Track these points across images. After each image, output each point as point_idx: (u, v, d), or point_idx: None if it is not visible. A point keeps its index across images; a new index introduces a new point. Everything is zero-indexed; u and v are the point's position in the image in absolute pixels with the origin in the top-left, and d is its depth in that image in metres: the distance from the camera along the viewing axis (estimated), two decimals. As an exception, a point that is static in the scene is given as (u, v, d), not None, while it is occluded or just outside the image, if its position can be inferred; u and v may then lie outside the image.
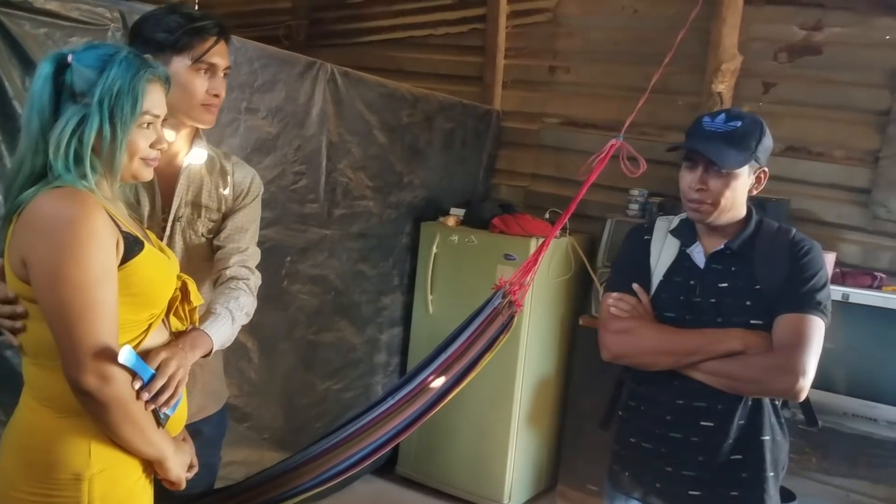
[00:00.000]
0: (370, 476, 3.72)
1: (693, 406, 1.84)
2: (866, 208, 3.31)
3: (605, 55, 3.95)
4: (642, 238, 2.00)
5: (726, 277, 1.84)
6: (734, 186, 1.80)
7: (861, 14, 3.30)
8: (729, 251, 1.85)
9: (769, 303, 1.79)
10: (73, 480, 1.33)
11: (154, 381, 1.38)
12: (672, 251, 1.93)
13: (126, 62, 1.37)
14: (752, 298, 1.81)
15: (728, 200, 1.81)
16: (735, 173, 1.79)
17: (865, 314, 2.80)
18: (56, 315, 1.28)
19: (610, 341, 1.92)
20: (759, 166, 1.83)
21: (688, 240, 1.91)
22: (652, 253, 1.96)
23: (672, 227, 1.97)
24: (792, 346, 1.74)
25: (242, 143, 2.71)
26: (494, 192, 4.31)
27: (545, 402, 3.71)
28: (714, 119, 1.82)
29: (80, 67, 1.35)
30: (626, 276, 1.96)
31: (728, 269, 1.85)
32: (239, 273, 1.85)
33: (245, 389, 2.94)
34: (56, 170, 1.33)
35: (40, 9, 2.07)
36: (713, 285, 1.85)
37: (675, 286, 1.89)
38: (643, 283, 1.93)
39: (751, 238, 1.86)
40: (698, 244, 1.90)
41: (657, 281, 1.92)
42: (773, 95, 3.50)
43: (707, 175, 1.79)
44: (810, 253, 1.82)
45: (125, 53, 1.39)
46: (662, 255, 1.94)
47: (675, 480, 1.87)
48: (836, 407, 2.80)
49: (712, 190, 1.79)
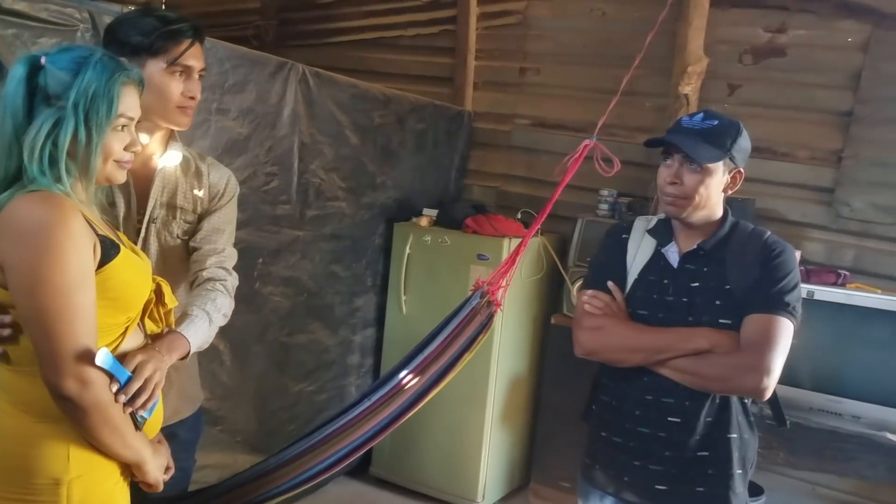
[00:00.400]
0: (344, 478, 3.71)
1: (661, 402, 1.87)
2: (830, 207, 3.38)
3: (575, 57, 3.99)
4: (620, 237, 2.03)
5: (698, 277, 1.88)
6: (708, 183, 1.83)
7: (824, 17, 3.37)
8: (702, 251, 1.89)
9: (739, 303, 1.82)
10: (51, 485, 1.32)
11: (130, 384, 1.37)
12: (648, 250, 1.97)
13: (101, 65, 1.37)
14: (721, 298, 1.84)
15: (702, 197, 1.84)
16: (709, 169, 1.82)
17: (830, 311, 2.86)
18: (34, 320, 1.27)
19: (582, 337, 1.95)
20: (734, 166, 1.86)
21: (664, 239, 1.95)
22: (629, 251, 1.99)
23: (650, 226, 2.00)
24: (758, 345, 1.77)
25: (213, 143, 2.69)
26: (466, 192, 4.33)
27: (518, 401, 3.74)
28: (693, 118, 1.88)
29: (53, 70, 1.34)
30: (602, 273, 1.99)
31: (700, 269, 1.88)
32: (216, 274, 1.85)
33: (217, 392, 2.92)
34: (31, 173, 1.32)
35: (8, 9, 2.03)
36: (685, 285, 1.88)
37: (649, 285, 1.93)
38: (618, 281, 1.96)
39: (724, 239, 1.90)
40: (673, 244, 1.94)
41: (632, 279, 1.95)
42: (739, 97, 3.56)
43: (682, 170, 1.84)
44: (782, 255, 1.85)
45: (99, 56, 1.39)
46: (639, 253, 1.97)
47: (643, 474, 1.91)
48: (802, 402, 2.86)
49: (687, 185, 1.83)
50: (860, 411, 2.82)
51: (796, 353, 1.82)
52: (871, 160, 3.28)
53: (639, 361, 1.87)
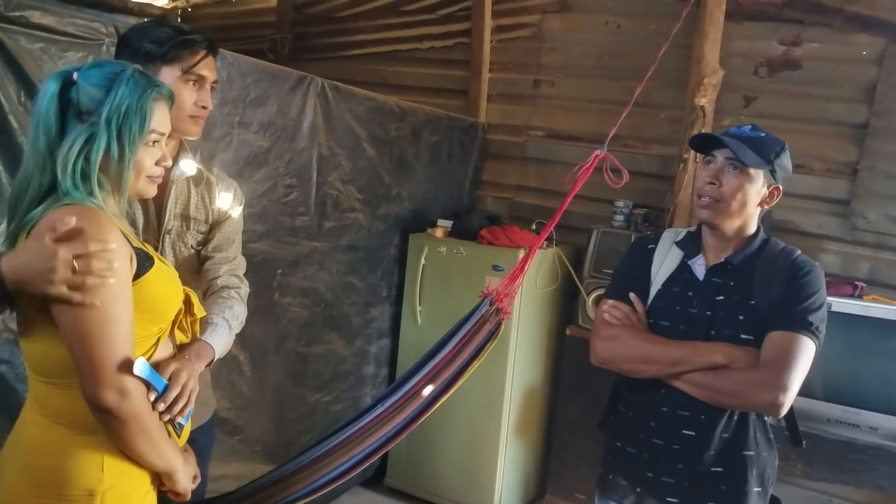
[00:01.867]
0: (358, 488, 3.72)
1: (676, 414, 1.87)
2: (845, 219, 3.39)
3: (588, 69, 4.02)
4: (646, 247, 2.03)
5: (723, 291, 1.87)
6: (747, 189, 1.82)
7: (838, 31, 3.39)
8: (730, 265, 1.89)
9: (762, 319, 1.82)
10: (85, 496, 1.34)
11: (169, 391, 1.39)
12: (674, 262, 1.97)
13: (133, 81, 1.38)
14: (745, 313, 1.84)
15: (738, 203, 1.83)
16: (750, 175, 1.82)
17: (847, 323, 2.87)
18: (74, 332, 1.28)
19: (598, 346, 1.96)
20: (773, 181, 1.86)
21: (691, 252, 1.95)
22: (654, 262, 1.99)
23: (678, 238, 2.00)
24: (777, 362, 1.76)
25: (235, 157, 2.72)
26: (480, 203, 4.36)
27: (533, 412, 3.74)
28: (741, 129, 1.88)
29: (86, 86, 1.35)
30: (625, 283, 2.00)
31: (726, 283, 1.88)
32: (230, 282, 1.89)
33: (237, 403, 2.94)
34: (64, 187, 1.33)
35: (36, 24, 2.07)
36: (710, 298, 1.88)
37: (672, 296, 1.93)
38: (641, 292, 1.96)
39: (753, 255, 1.89)
40: (700, 256, 1.93)
41: (655, 290, 1.96)
42: (754, 109, 3.58)
43: (722, 172, 1.84)
44: (809, 275, 1.84)
45: (131, 72, 1.40)
46: (664, 265, 1.97)
47: (655, 486, 1.91)
48: (819, 414, 2.86)
49: (726, 187, 1.83)
50: (877, 423, 2.82)
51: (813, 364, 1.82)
52: (887, 172, 3.29)
53: (653, 373, 1.87)
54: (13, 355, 2.15)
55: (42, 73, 2.07)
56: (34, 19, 2.06)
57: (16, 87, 2.06)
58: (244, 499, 1.93)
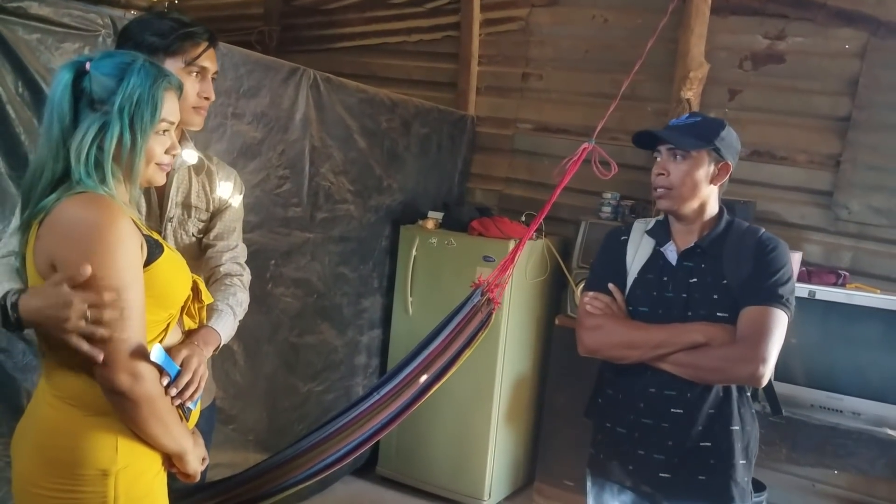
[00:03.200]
0: (350, 477, 3.76)
1: (664, 394, 1.95)
2: (828, 210, 3.46)
3: (576, 63, 4.07)
4: (619, 238, 2.12)
5: (696, 273, 1.96)
6: (693, 173, 1.93)
7: (822, 25, 3.45)
8: (699, 249, 1.97)
9: (735, 297, 1.90)
10: (99, 476, 1.37)
11: (180, 377, 1.43)
12: (647, 250, 2.05)
13: (144, 71, 1.41)
14: (718, 293, 1.92)
15: (688, 187, 1.93)
16: (693, 158, 1.92)
17: (830, 310, 2.94)
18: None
19: (584, 337, 2.04)
20: (720, 159, 1.95)
21: (662, 239, 2.03)
22: (628, 252, 2.07)
23: (648, 227, 2.09)
24: (753, 336, 1.85)
25: (229, 147, 2.74)
26: (469, 196, 4.40)
27: (522, 401, 3.79)
28: (679, 118, 2.02)
29: (98, 75, 1.38)
30: (602, 275, 2.08)
31: (698, 266, 1.97)
32: (232, 269, 1.93)
33: (231, 392, 2.96)
34: (77, 175, 1.36)
35: (34, 14, 2.08)
36: (684, 281, 1.96)
37: (648, 283, 2.01)
38: (618, 282, 2.04)
39: (720, 236, 1.98)
40: (671, 243, 2.02)
41: (632, 278, 2.04)
42: (739, 102, 3.64)
43: (667, 162, 1.95)
44: (775, 250, 1.94)
45: (142, 62, 1.43)
46: (638, 254, 2.06)
47: (646, 463, 1.98)
48: (804, 399, 2.93)
49: (673, 175, 1.93)
50: (860, 408, 2.89)
51: (798, 351, 1.90)
52: (868, 164, 3.36)
53: (638, 357, 1.95)
54: (11, 345, 2.16)
55: (39, 63, 2.09)
56: (32, 10, 2.07)
57: (13, 78, 2.07)
58: (246, 482, 1.97)
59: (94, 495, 1.36)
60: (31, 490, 1.40)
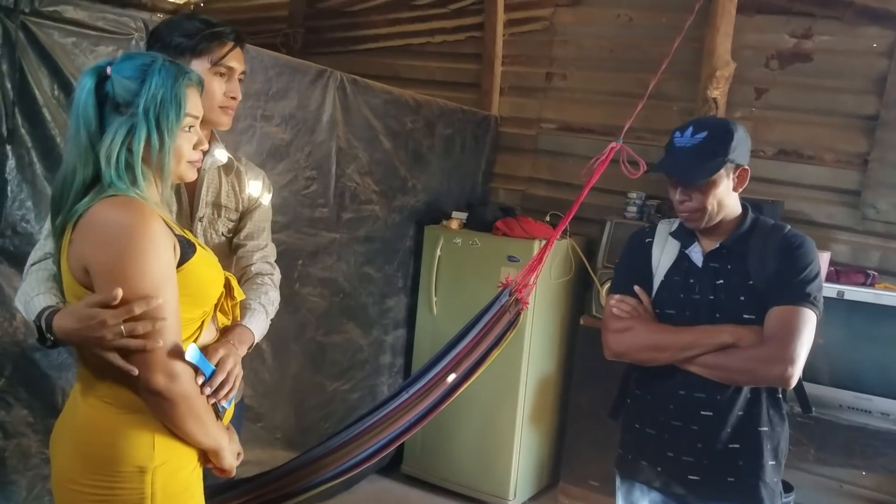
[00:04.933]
0: (375, 475, 3.78)
1: (694, 397, 1.94)
2: (856, 209, 3.43)
3: (601, 62, 4.06)
4: (644, 241, 2.10)
5: (722, 274, 1.95)
6: (715, 193, 1.91)
7: (849, 23, 3.43)
8: (724, 249, 1.96)
9: (761, 297, 1.89)
10: (136, 472, 1.39)
11: (215, 377, 1.45)
12: (672, 252, 2.04)
13: (165, 70, 1.42)
14: (745, 294, 1.91)
15: (713, 206, 1.92)
16: (712, 181, 1.89)
17: (859, 310, 2.92)
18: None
19: (611, 340, 2.03)
20: (736, 165, 1.92)
21: (687, 241, 2.02)
22: (653, 255, 2.06)
23: (672, 229, 2.07)
24: (781, 336, 1.83)
25: (258, 149, 2.78)
26: (492, 196, 4.40)
27: (547, 400, 3.80)
28: (683, 134, 1.93)
29: (120, 79, 1.40)
30: (628, 277, 2.07)
31: (724, 267, 1.95)
32: (263, 269, 1.95)
33: (259, 390, 3.00)
34: (108, 179, 1.37)
35: (69, 18, 2.13)
36: (710, 283, 1.95)
37: (675, 285, 2.00)
38: (644, 284, 2.03)
39: (745, 236, 1.96)
40: (696, 245, 2.00)
41: (658, 281, 2.03)
42: (765, 101, 3.62)
43: (688, 189, 1.92)
44: (801, 247, 1.91)
45: (161, 62, 1.44)
46: (663, 256, 2.05)
47: (676, 465, 1.98)
48: (831, 400, 2.91)
49: (696, 200, 1.91)
50: (888, 408, 2.86)
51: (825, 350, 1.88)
52: (897, 163, 3.33)
53: (666, 360, 1.94)
54: (47, 343, 2.20)
55: (74, 66, 2.13)
56: (67, 14, 2.12)
57: (49, 81, 2.11)
58: (276, 480, 1.99)
59: (131, 492, 1.39)
60: (70, 487, 1.42)
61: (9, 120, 2.03)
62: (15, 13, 1.99)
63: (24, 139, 2.08)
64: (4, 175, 2.05)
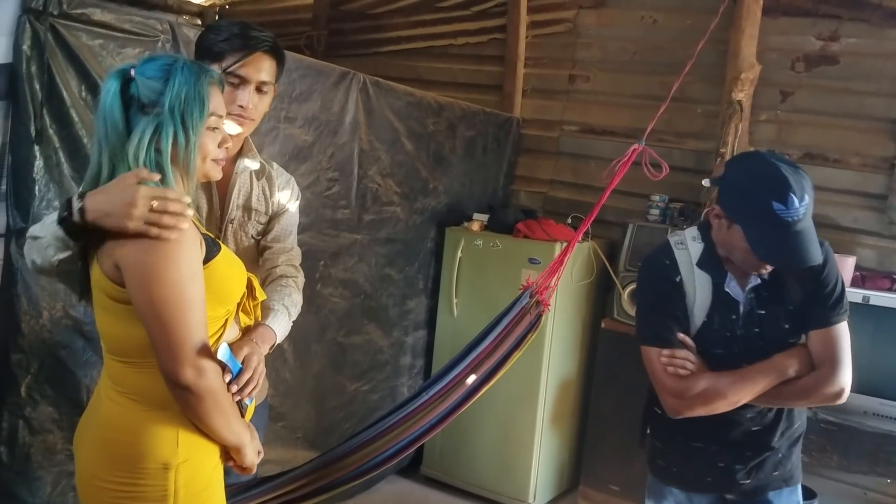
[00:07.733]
0: (395, 476, 3.79)
1: (746, 417, 1.95)
2: (882, 214, 3.39)
3: (624, 64, 4.05)
4: (672, 280, 1.95)
5: (762, 304, 1.91)
6: None
7: (876, 26, 3.39)
8: (762, 279, 1.90)
9: (800, 317, 1.89)
10: (160, 469, 1.40)
11: (241, 375, 1.47)
12: (706, 288, 1.93)
13: (187, 69, 1.44)
14: (788, 320, 1.90)
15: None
16: None
17: (885, 316, 2.89)
18: (152, 313, 1.35)
19: (677, 406, 1.90)
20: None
21: (717, 273, 1.92)
22: (687, 293, 1.94)
23: (695, 259, 1.95)
24: (830, 359, 1.85)
25: (281, 150, 2.80)
26: (514, 198, 4.40)
27: (567, 404, 3.79)
28: (787, 206, 1.73)
29: (144, 80, 1.41)
30: (668, 328, 1.93)
31: (761, 295, 1.91)
32: (287, 272, 1.96)
33: (280, 390, 3.02)
34: None
35: (97, 21, 2.16)
36: (752, 315, 1.91)
37: (717, 323, 1.92)
38: (683, 328, 1.93)
39: None
40: (731, 278, 1.92)
41: (700, 321, 1.93)
42: (791, 104, 3.59)
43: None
44: (826, 264, 1.86)
45: (183, 61, 1.46)
46: (698, 294, 1.93)
47: (727, 474, 1.99)
48: (857, 406, 2.88)
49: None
50: (915, 416, 2.83)
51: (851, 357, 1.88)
52: (924, 167, 3.29)
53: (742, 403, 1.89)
54: (72, 341, 2.23)
55: (101, 68, 2.15)
56: (95, 17, 2.15)
57: (77, 82, 2.14)
58: (297, 479, 2.00)
59: (154, 489, 1.40)
60: (94, 483, 1.44)
61: (37, 121, 2.06)
62: (44, 16, 2.03)
63: (52, 140, 2.11)
64: (32, 175, 2.08)
